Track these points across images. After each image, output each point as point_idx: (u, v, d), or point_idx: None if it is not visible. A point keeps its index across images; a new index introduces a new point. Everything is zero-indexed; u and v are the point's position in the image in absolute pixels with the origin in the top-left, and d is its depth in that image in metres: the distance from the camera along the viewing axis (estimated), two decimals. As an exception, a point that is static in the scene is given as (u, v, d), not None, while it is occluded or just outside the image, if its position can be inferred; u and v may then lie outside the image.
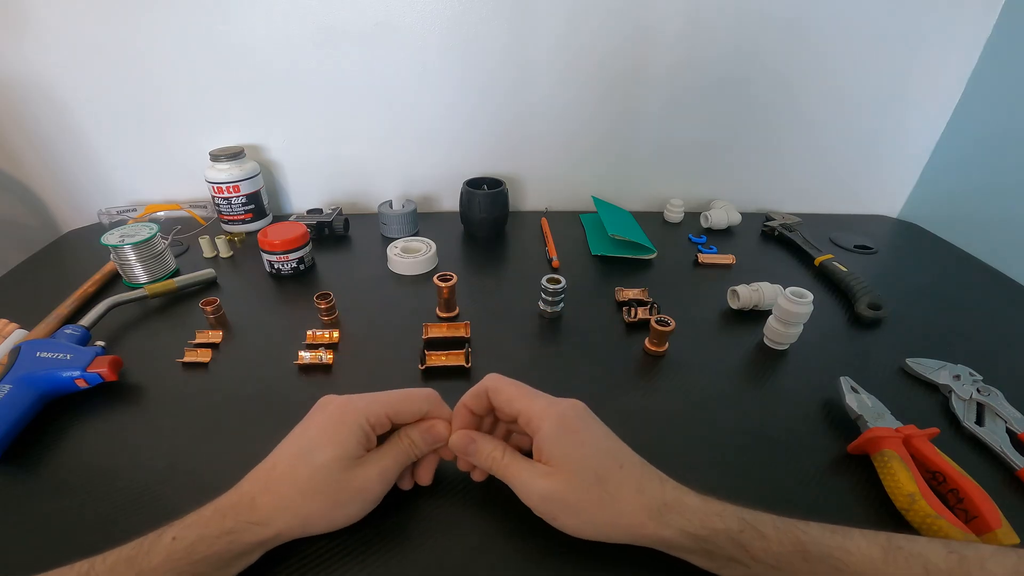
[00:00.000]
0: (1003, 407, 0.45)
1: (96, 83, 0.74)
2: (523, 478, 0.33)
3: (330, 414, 0.35)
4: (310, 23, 0.71)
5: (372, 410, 0.35)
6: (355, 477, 0.33)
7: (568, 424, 0.34)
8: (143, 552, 0.29)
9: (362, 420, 0.34)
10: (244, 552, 0.31)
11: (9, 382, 0.44)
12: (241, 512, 0.31)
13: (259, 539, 0.31)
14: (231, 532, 0.30)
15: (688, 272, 0.70)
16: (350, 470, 0.33)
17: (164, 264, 0.66)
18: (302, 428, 0.35)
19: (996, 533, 0.34)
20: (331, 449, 0.33)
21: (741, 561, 0.30)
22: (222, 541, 0.30)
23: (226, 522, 0.31)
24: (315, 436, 0.34)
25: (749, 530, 0.30)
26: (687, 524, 0.30)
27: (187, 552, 0.29)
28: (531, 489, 0.33)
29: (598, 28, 0.72)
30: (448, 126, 0.81)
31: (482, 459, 0.35)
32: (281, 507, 0.32)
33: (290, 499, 0.32)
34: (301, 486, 0.32)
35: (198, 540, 0.29)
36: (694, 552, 0.31)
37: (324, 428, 0.35)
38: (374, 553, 0.34)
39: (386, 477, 0.34)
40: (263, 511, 0.31)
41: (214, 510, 0.31)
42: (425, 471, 0.38)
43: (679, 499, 0.32)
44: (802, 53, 0.74)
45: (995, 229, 0.73)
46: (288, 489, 0.32)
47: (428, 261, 0.69)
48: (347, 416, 0.35)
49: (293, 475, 0.33)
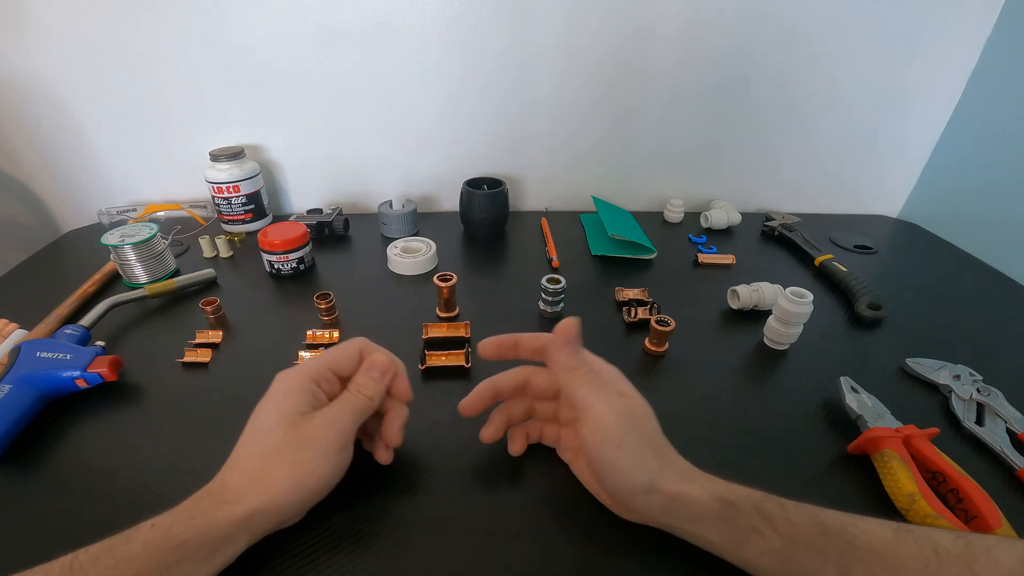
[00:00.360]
0: (1003, 407, 0.45)
1: (96, 83, 0.74)
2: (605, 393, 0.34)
3: (276, 384, 0.36)
4: (310, 23, 0.71)
5: (310, 366, 0.36)
6: (303, 429, 0.33)
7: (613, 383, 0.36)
8: (123, 540, 0.29)
9: (303, 379, 0.35)
10: (224, 536, 0.31)
11: (9, 382, 0.44)
12: (213, 494, 0.32)
13: (235, 517, 0.31)
14: (205, 512, 0.31)
15: (688, 272, 0.70)
16: (296, 425, 0.33)
17: (164, 264, 0.66)
18: (257, 407, 0.36)
19: (996, 533, 0.34)
20: (276, 410, 0.34)
21: (762, 532, 0.30)
22: (197, 521, 0.30)
23: (201, 503, 0.31)
24: (263, 407, 0.35)
25: (770, 500, 0.31)
26: (715, 488, 0.32)
27: (165, 536, 0.29)
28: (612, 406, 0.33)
29: (598, 28, 0.72)
30: (448, 126, 0.81)
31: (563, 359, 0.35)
32: (247, 482, 0.32)
33: (253, 471, 0.32)
34: (259, 455, 0.33)
35: (175, 523, 0.30)
36: (718, 521, 0.31)
37: (270, 397, 0.35)
38: (374, 555, 0.34)
39: (337, 424, 0.34)
40: (232, 489, 0.32)
41: (191, 498, 0.32)
42: (390, 430, 0.38)
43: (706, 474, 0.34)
44: (802, 53, 0.74)
45: (995, 229, 0.73)
46: (249, 462, 0.33)
47: (428, 261, 0.69)
48: (287, 380, 0.36)
49: (250, 448, 0.34)
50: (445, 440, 0.42)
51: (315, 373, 0.36)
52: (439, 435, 0.43)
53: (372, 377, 0.37)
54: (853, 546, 0.28)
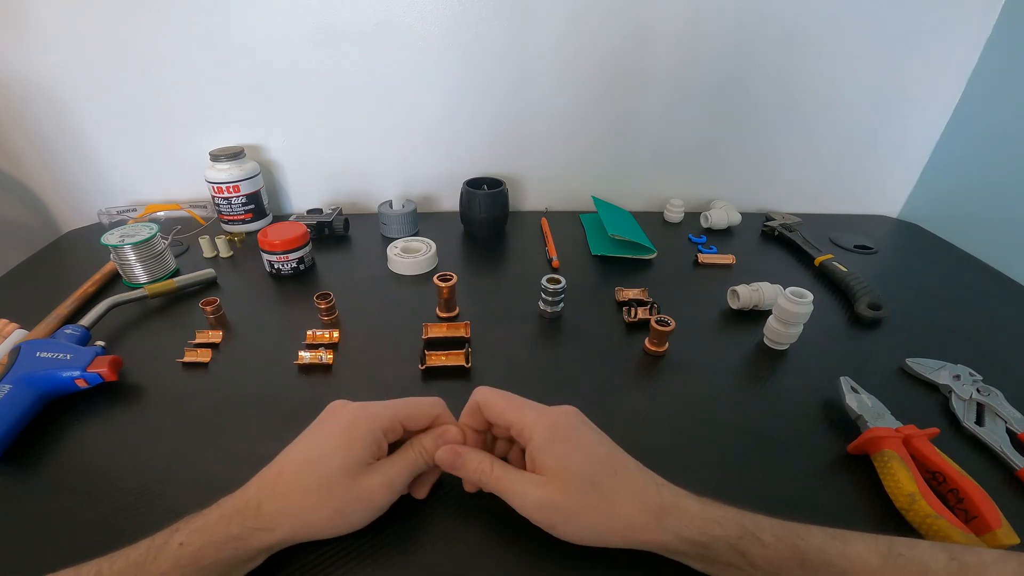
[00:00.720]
0: (1003, 407, 0.45)
1: (96, 83, 0.74)
2: (516, 489, 0.33)
3: (342, 420, 0.35)
4: (310, 23, 0.71)
5: (385, 415, 0.35)
6: (362, 486, 0.33)
7: (560, 432, 0.34)
8: (150, 558, 0.29)
9: (375, 427, 0.34)
10: (250, 558, 0.31)
11: (9, 382, 0.44)
12: (247, 518, 0.31)
13: (264, 544, 0.31)
14: (237, 538, 0.30)
15: (688, 272, 0.70)
16: (357, 478, 0.33)
17: (164, 264, 0.66)
18: (312, 433, 0.35)
19: (996, 533, 0.34)
20: (341, 456, 0.33)
21: (739, 567, 0.30)
22: (228, 547, 0.30)
23: (232, 527, 0.30)
24: (325, 443, 0.34)
25: (748, 537, 0.30)
26: (685, 530, 0.30)
27: (194, 558, 0.29)
28: (525, 499, 0.32)
29: (598, 28, 0.72)
30: (448, 126, 0.81)
31: (470, 472, 0.35)
32: (286, 513, 0.31)
33: (295, 505, 0.32)
34: (308, 493, 0.32)
35: (205, 546, 0.29)
36: (692, 557, 0.31)
37: (335, 435, 0.34)
38: (373, 558, 0.34)
39: (393, 486, 0.34)
40: (268, 516, 0.31)
41: (220, 515, 0.31)
42: (424, 484, 0.38)
43: (677, 503, 0.31)
44: (801, 53, 0.74)
45: (995, 229, 0.73)
46: (294, 495, 0.32)
47: (428, 261, 0.69)
48: (360, 423, 0.34)
49: (300, 481, 0.32)
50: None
51: (388, 423, 0.35)
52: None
53: (439, 445, 0.36)
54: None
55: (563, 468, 0.32)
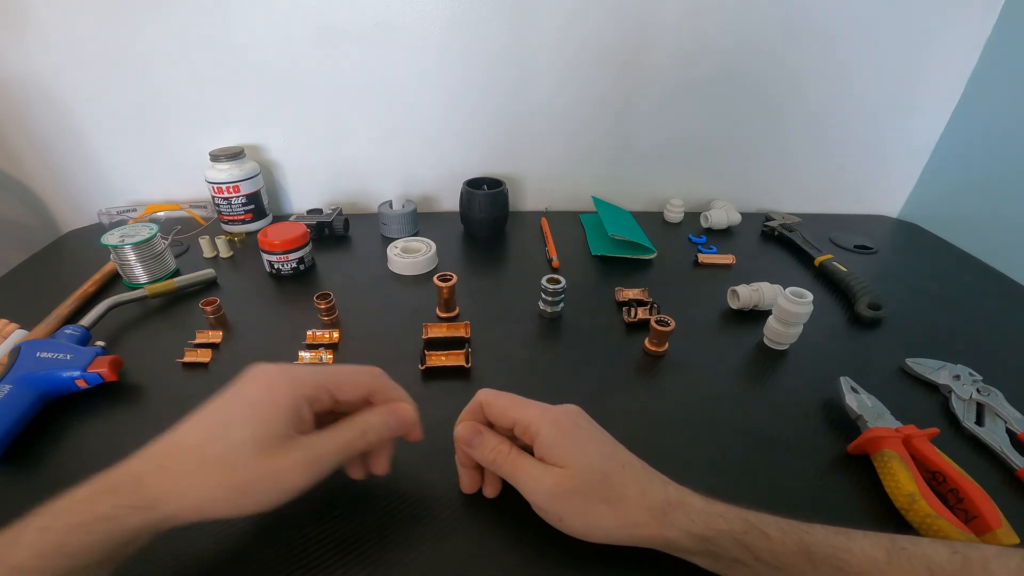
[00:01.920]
0: (1003, 407, 0.45)
1: (96, 83, 0.74)
2: (533, 474, 0.32)
3: (259, 385, 0.31)
4: (310, 23, 0.71)
5: (310, 381, 0.31)
6: (275, 462, 0.28)
7: (566, 428, 0.34)
8: (7, 544, 0.25)
9: (297, 394, 0.30)
10: (128, 540, 0.27)
11: (9, 382, 0.44)
12: (121, 495, 0.27)
13: (143, 523, 0.27)
14: (108, 519, 0.26)
15: (688, 272, 0.70)
16: (270, 453, 0.28)
17: (164, 264, 0.66)
18: (223, 399, 0.31)
19: (996, 533, 0.34)
20: (252, 426, 0.29)
21: (745, 562, 0.30)
22: (98, 528, 0.26)
23: (100, 507, 0.27)
24: (236, 411, 0.30)
25: (753, 531, 0.30)
26: (691, 525, 0.30)
27: (57, 545, 0.25)
28: (539, 486, 0.32)
29: (598, 29, 0.72)
30: (448, 126, 0.81)
31: (487, 452, 0.34)
32: (174, 489, 0.28)
33: (188, 481, 0.28)
34: (207, 466, 0.28)
35: (70, 529, 0.26)
36: (698, 553, 0.31)
37: (249, 401, 0.30)
38: (372, 558, 0.34)
39: (316, 466, 0.30)
40: (149, 491, 0.27)
41: (90, 492, 0.27)
42: (380, 458, 0.36)
43: (682, 500, 0.31)
44: (800, 55, 0.74)
45: (995, 229, 0.73)
46: (190, 469, 0.28)
47: (428, 261, 0.69)
48: (279, 388, 0.30)
49: (199, 453, 0.29)
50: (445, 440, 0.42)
51: (313, 390, 0.31)
52: (438, 436, 0.43)
53: (390, 424, 0.33)
54: (842, 572, 0.28)
55: (575, 460, 0.32)
